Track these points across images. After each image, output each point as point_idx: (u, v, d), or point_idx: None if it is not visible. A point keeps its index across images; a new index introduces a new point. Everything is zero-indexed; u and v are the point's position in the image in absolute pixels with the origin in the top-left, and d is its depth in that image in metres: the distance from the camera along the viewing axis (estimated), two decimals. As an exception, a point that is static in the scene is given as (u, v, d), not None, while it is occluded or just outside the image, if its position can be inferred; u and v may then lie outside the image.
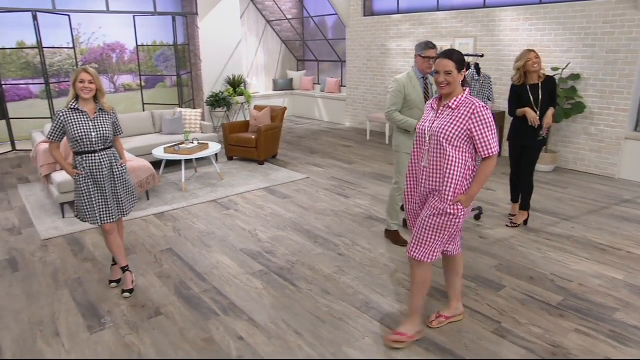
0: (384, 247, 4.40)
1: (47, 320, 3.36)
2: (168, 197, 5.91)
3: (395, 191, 4.37)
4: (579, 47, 6.58)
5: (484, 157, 2.77)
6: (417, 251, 2.89)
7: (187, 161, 6.52)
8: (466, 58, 6.34)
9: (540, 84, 4.47)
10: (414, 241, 2.91)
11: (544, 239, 4.52)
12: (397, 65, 9.33)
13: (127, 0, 10.00)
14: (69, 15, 8.70)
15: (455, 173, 2.75)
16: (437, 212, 2.80)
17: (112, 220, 3.60)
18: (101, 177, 3.51)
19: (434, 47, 4.10)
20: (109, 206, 3.58)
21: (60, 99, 9.74)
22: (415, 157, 2.95)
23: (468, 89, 2.84)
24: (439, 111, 2.84)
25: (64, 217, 5.26)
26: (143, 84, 10.67)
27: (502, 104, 7.56)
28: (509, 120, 7.47)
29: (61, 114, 3.40)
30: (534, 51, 4.40)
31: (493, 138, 2.73)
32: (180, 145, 6.36)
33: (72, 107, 3.42)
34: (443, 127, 2.75)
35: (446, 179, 2.76)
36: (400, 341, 2.99)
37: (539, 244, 4.42)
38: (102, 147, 3.51)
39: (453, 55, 2.75)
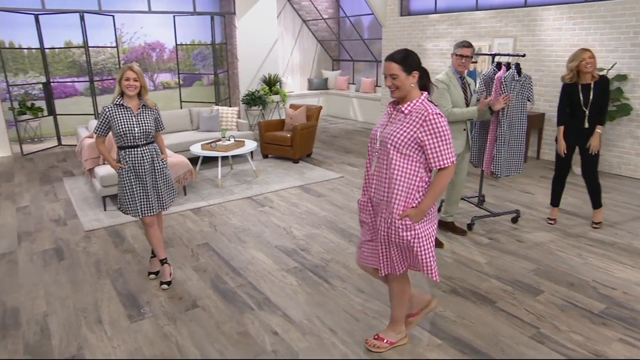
0: (419, 248, 4.34)
1: (91, 307, 3.47)
2: (204, 192, 6.01)
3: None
4: (626, 46, 6.34)
5: (435, 168, 2.52)
6: (383, 266, 2.71)
7: (223, 158, 6.62)
8: (506, 58, 6.23)
9: (592, 84, 4.34)
10: (379, 256, 2.71)
11: (585, 244, 4.38)
12: (433, 65, 9.21)
13: (167, 0, 10.22)
14: (113, 16, 8.95)
15: (402, 183, 2.51)
16: (387, 226, 2.59)
17: (152, 214, 3.69)
18: (143, 171, 3.60)
19: (469, 45, 4.07)
20: (150, 199, 3.66)
21: (103, 96, 10.05)
22: (367, 163, 2.71)
23: (426, 93, 2.58)
24: (392, 116, 2.61)
25: (105, 210, 5.42)
26: (181, 82, 10.87)
27: (542, 106, 7.37)
28: (548, 121, 7.30)
29: (107, 110, 3.51)
30: (589, 51, 4.26)
31: (447, 148, 2.47)
32: (217, 142, 6.46)
33: (117, 103, 3.52)
34: (392, 133, 2.52)
35: (393, 190, 2.53)
36: (380, 346, 2.93)
37: (580, 249, 4.28)
38: (145, 141, 3.60)
39: (398, 57, 2.49)
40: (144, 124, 3.56)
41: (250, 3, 10.50)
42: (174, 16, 9.89)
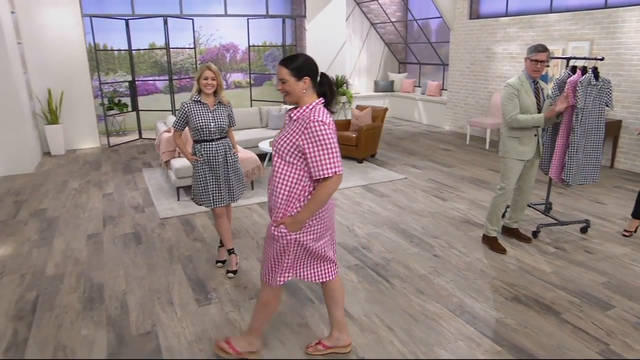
0: (481, 253, 4.20)
1: (163, 289, 3.64)
2: (271, 188, 6.12)
3: (499, 197, 4.17)
4: None
5: (315, 177, 2.33)
6: (262, 271, 2.62)
7: (290, 155, 6.72)
8: (582, 62, 5.87)
9: None
10: (263, 260, 2.62)
11: (662, 259, 4.06)
12: (502, 69, 8.87)
13: (242, 4, 10.52)
14: (192, 19, 9.33)
15: (283, 191, 2.39)
16: (267, 233, 2.51)
17: (223, 205, 3.82)
18: (216, 164, 3.73)
19: (544, 50, 3.85)
20: (221, 191, 3.79)
21: (180, 94, 10.51)
22: None
23: (322, 99, 2.42)
24: (286, 122, 2.49)
25: (179, 200, 5.66)
26: (252, 81, 11.15)
27: (619, 112, 6.89)
28: (625, 129, 6.81)
29: (185, 105, 3.67)
30: None
31: (328, 158, 2.28)
32: (285, 140, 6.56)
33: (195, 99, 3.67)
34: (278, 140, 2.42)
35: (276, 197, 2.42)
36: (226, 351, 2.78)
37: (657, 264, 3.97)
38: (219, 136, 3.73)
39: (288, 62, 2.36)
40: (219, 120, 3.69)
41: (321, 6, 10.59)
42: (247, 19, 10.16)
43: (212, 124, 3.67)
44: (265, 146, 6.57)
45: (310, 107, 2.38)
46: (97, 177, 6.89)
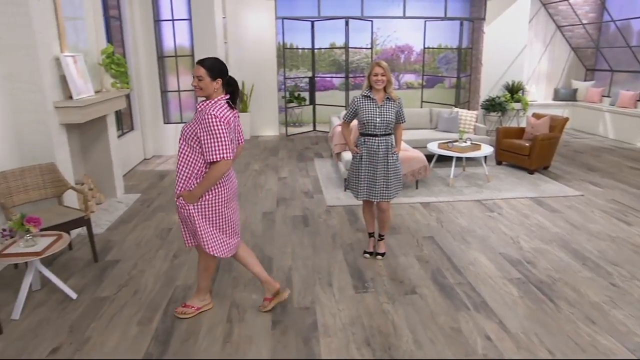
0: (674, 290, 3.57)
1: (324, 271, 3.85)
2: (435, 189, 6.02)
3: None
4: None
5: (207, 161, 2.76)
6: (184, 238, 3.09)
7: (458, 159, 6.51)
8: None
9: None
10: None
11: None
12: None
13: (420, 6, 10.43)
14: (371, 21, 9.58)
15: (184, 169, 2.83)
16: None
17: (374, 199, 3.90)
18: (376, 158, 3.81)
19: None
20: (375, 186, 3.86)
21: (354, 91, 10.88)
22: None
23: (224, 96, 2.86)
24: (195, 112, 2.87)
25: (345, 190, 5.91)
26: (424, 83, 11.04)
27: None
28: None
29: (356, 100, 3.83)
30: None
31: (218, 145, 2.71)
32: (454, 143, 6.39)
33: (365, 94, 3.79)
34: (186, 126, 2.83)
35: (177, 174, 2.87)
36: (186, 312, 3.19)
37: None
38: (383, 132, 3.78)
39: (207, 63, 2.78)
40: (385, 115, 3.75)
41: (502, 8, 9.97)
42: (425, 21, 10.06)
43: (378, 118, 3.74)
44: (433, 147, 6.47)
45: (212, 102, 2.80)
46: (275, 162, 7.55)
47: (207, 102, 2.81)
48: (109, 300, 3.43)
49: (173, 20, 7.92)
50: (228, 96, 2.90)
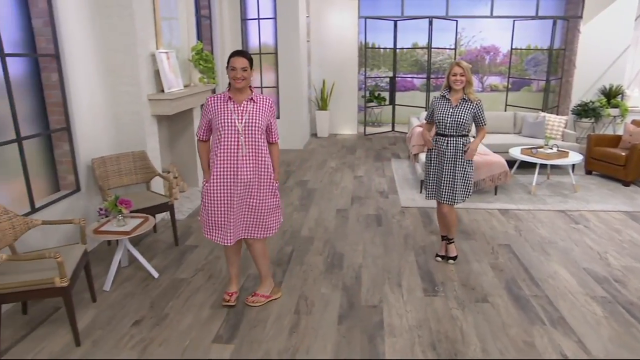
0: None
1: (394, 271, 3.81)
2: (515, 196, 5.72)
3: None
4: None
5: (273, 141, 3.12)
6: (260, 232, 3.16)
7: (542, 166, 6.13)
8: None
9: None
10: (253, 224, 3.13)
11: None
12: None
13: (509, 5, 9.92)
14: (456, 21, 9.29)
15: (268, 158, 3.06)
16: (261, 196, 3.05)
17: (441, 201, 3.81)
18: (445, 159, 3.71)
19: None
20: (441, 187, 3.77)
21: (435, 92, 10.63)
22: (227, 148, 2.99)
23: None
24: (243, 105, 2.94)
25: (421, 192, 5.80)
26: (509, 85, 10.52)
27: None
28: None
29: (434, 100, 3.79)
30: None
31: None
32: (539, 149, 6.02)
33: (442, 94, 3.73)
34: (254, 119, 2.96)
35: (263, 164, 3.04)
36: (258, 301, 3.28)
37: None
38: (455, 133, 3.66)
39: (247, 55, 2.91)
40: (457, 116, 3.62)
41: (604, 5, 9.21)
42: (513, 21, 9.56)
43: (449, 119, 3.64)
44: (516, 153, 6.14)
45: (254, 92, 3.01)
46: (351, 160, 7.58)
47: (254, 93, 3.00)
48: (186, 282, 3.65)
49: (259, 19, 8.23)
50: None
